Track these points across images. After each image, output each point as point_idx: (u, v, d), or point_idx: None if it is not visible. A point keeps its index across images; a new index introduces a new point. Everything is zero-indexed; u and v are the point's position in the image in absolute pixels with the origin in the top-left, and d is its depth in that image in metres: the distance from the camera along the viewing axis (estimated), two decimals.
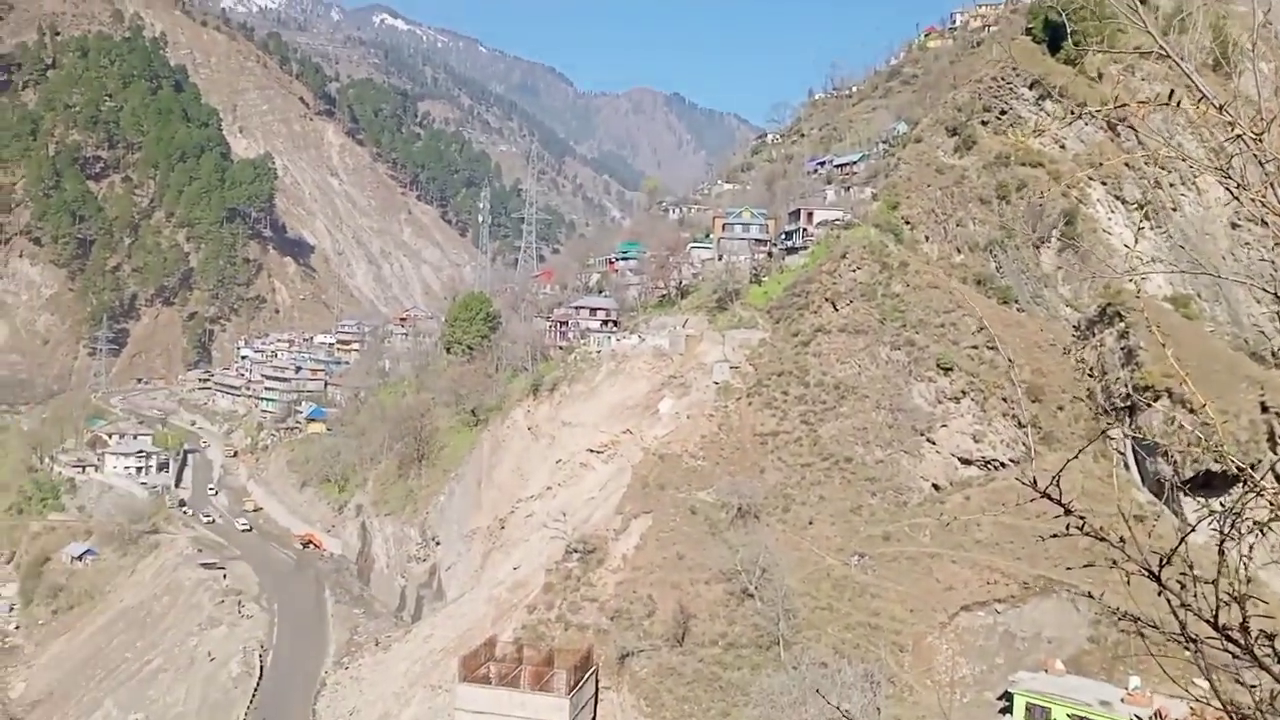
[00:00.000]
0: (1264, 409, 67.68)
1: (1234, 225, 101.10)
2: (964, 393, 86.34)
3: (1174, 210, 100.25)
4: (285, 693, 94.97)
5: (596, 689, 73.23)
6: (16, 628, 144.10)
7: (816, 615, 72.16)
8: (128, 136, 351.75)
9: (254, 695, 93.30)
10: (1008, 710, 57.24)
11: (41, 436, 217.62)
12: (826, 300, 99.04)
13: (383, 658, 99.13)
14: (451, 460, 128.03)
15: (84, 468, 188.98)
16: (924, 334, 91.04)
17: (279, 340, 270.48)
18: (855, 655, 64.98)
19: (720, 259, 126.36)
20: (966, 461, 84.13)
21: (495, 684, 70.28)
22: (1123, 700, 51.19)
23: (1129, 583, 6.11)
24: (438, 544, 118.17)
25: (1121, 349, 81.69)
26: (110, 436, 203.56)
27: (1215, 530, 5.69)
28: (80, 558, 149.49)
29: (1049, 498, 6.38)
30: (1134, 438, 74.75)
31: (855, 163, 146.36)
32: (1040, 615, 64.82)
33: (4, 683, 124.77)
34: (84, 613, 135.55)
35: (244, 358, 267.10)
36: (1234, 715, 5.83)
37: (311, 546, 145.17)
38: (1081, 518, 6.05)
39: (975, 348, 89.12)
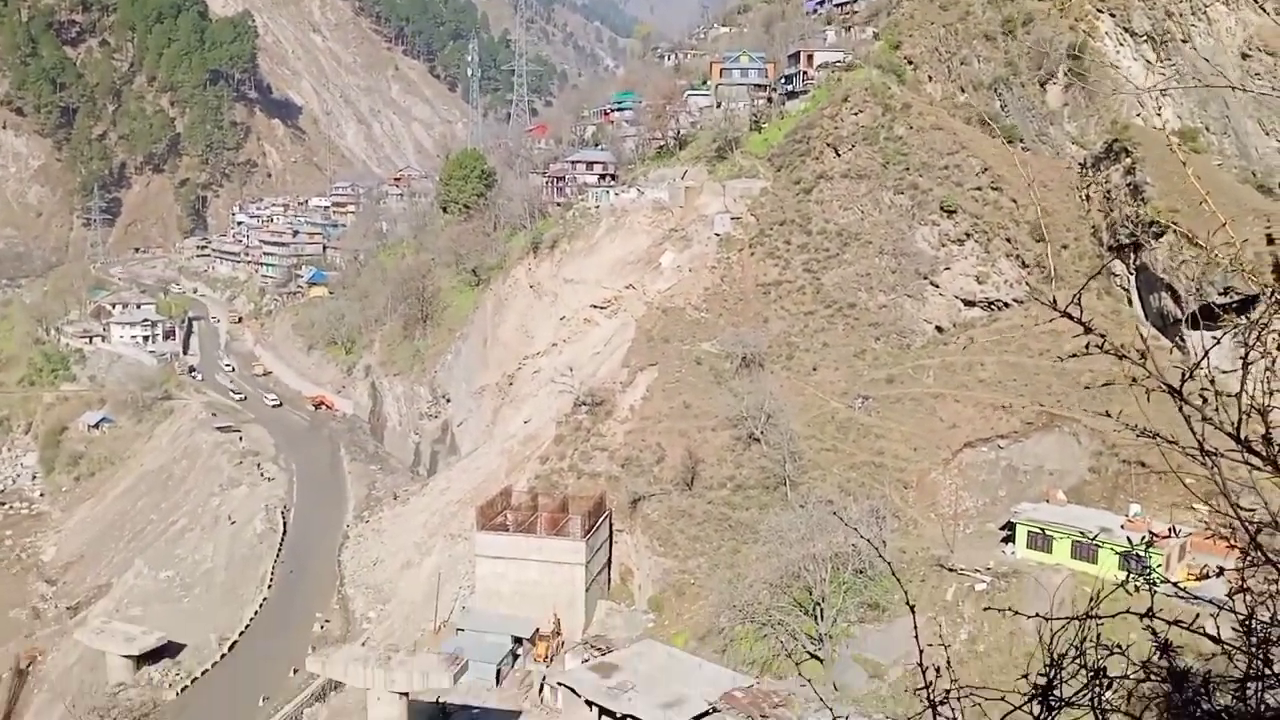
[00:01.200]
0: (1270, 240, 67.69)
1: (1245, 55, 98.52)
2: (968, 235, 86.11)
3: (1184, 42, 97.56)
4: (309, 547, 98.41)
5: (611, 532, 75.95)
6: (41, 495, 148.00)
7: (822, 456, 74.07)
8: None
9: (279, 550, 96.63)
10: (1010, 540, 59.43)
11: (45, 309, 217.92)
12: (828, 146, 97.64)
13: (401, 511, 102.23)
14: (456, 320, 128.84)
15: (91, 338, 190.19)
16: (927, 177, 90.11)
17: (273, 205, 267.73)
18: (860, 493, 67.07)
19: (718, 106, 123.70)
20: (970, 303, 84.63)
21: (513, 531, 72.90)
22: (1122, 527, 53.09)
23: (1149, 399, 6.28)
24: (448, 401, 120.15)
25: (1128, 185, 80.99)
26: (114, 307, 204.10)
27: (1240, 342, 5.91)
28: (97, 425, 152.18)
29: (1069, 316, 6.55)
30: (1142, 269, 74.94)
31: (856, 1, 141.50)
32: (1042, 449, 66.53)
33: (35, 547, 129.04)
34: (106, 478, 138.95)
35: (240, 223, 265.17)
36: (1247, 527, 6.03)
37: (324, 408, 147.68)
38: (1102, 335, 6.25)
39: (979, 189, 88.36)
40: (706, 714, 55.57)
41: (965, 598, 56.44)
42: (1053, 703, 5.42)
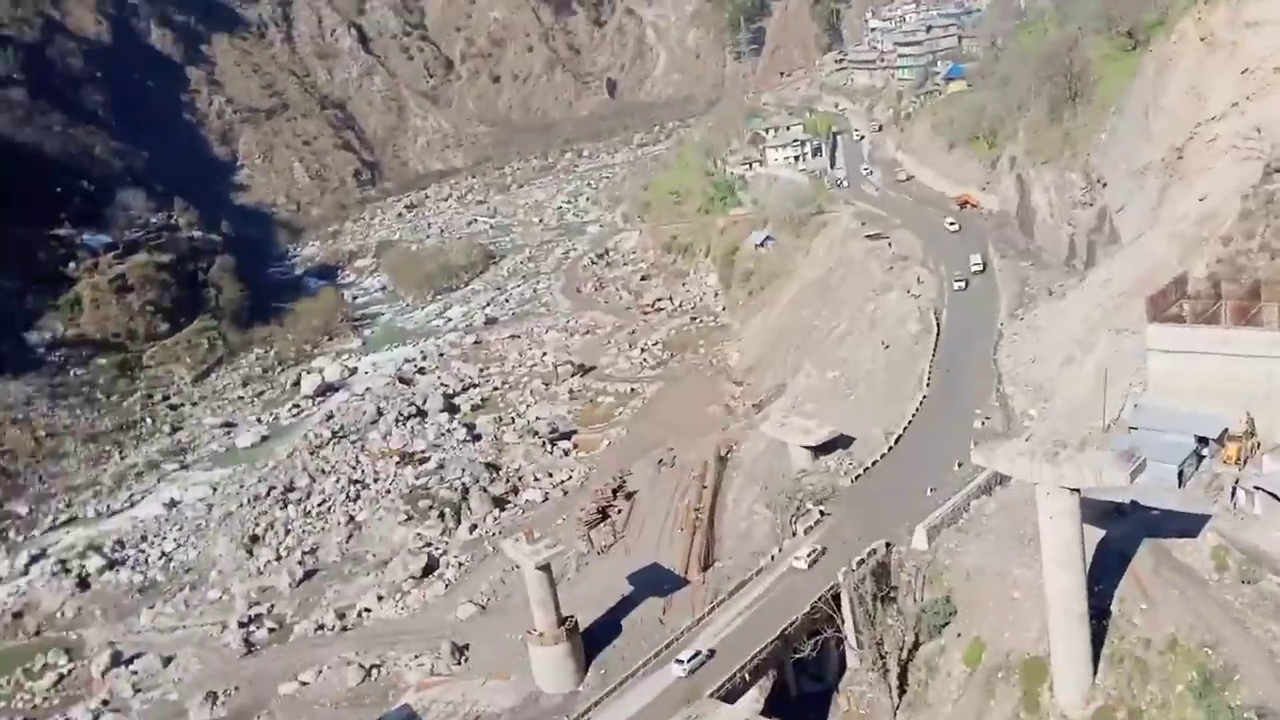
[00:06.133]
0: None
1: None
2: None
3: None
4: (963, 347, 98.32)
5: None
6: (723, 309, 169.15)
7: None
8: None
9: (934, 350, 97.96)
10: None
11: (710, 143, 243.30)
12: None
13: (1058, 306, 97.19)
14: (1109, 93, 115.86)
15: (750, 164, 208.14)
16: None
17: (904, 5, 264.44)
18: None
19: None
20: None
21: (1191, 322, 64.94)
22: None
23: None
24: (1104, 185, 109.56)
25: None
26: (767, 131, 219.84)
27: None
28: (762, 244, 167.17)
29: None
30: None
31: None
32: None
33: (722, 354, 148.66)
34: (773, 291, 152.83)
35: (873, 30, 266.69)
36: None
37: (969, 206, 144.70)
38: None
39: None
40: None
41: None
42: None
